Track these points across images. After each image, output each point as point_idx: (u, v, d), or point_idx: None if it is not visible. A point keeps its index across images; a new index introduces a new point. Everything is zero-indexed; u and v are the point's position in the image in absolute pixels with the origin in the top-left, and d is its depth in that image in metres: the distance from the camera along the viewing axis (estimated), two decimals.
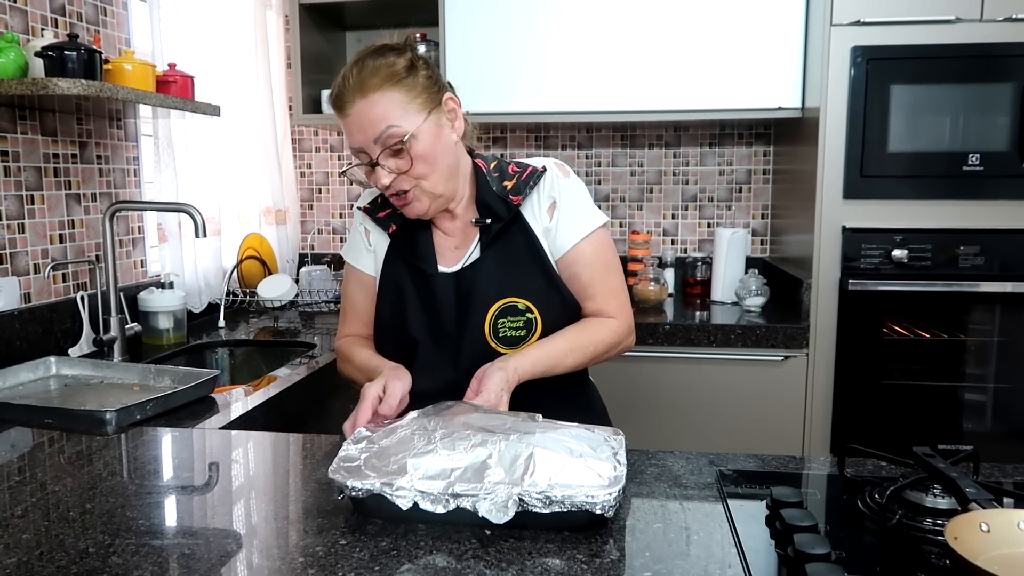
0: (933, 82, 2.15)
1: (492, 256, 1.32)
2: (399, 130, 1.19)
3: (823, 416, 2.28)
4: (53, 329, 1.89)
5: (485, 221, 1.32)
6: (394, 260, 1.37)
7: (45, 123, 1.90)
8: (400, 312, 1.35)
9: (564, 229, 1.34)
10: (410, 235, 1.36)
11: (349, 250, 1.45)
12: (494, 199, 1.33)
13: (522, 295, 1.30)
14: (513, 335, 1.29)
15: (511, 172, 1.37)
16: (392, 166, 1.22)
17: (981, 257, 2.17)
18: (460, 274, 1.33)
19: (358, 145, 1.22)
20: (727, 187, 2.91)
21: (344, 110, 1.21)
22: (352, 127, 1.21)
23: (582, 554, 0.85)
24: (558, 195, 1.34)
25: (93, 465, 1.15)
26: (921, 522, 0.89)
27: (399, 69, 1.21)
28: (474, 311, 1.30)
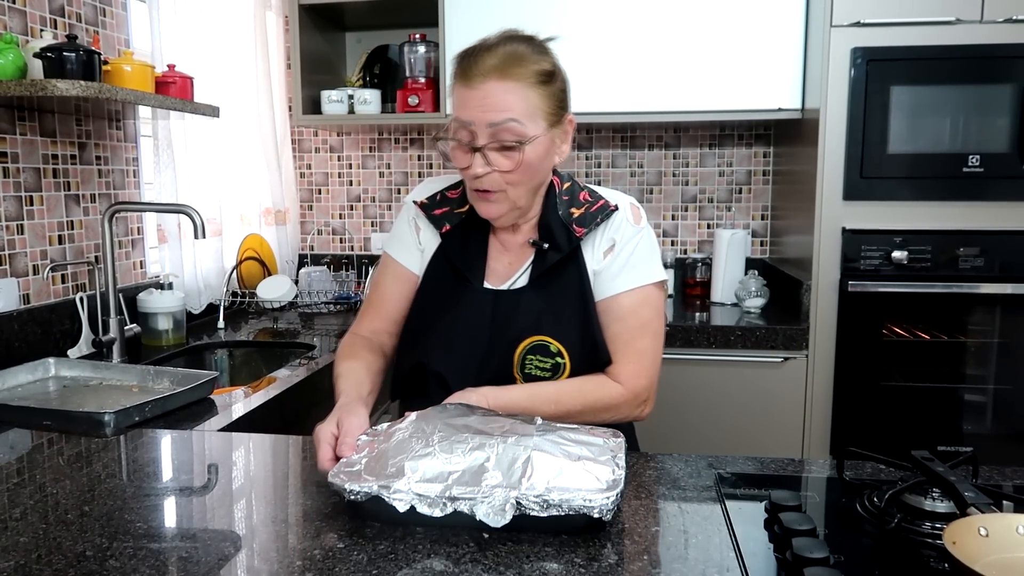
0: (933, 83, 2.15)
1: (539, 288, 1.26)
2: (521, 129, 1.15)
3: (823, 418, 2.28)
4: (52, 330, 1.88)
5: (543, 245, 1.26)
6: (441, 263, 1.31)
7: (44, 124, 1.90)
8: (429, 320, 1.29)
9: (611, 275, 1.26)
10: (464, 240, 1.30)
11: (393, 243, 1.37)
12: (558, 225, 1.27)
13: (556, 336, 1.23)
14: (539, 374, 1.23)
15: (581, 200, 1.30)
16: (493, 160, 1.16)
17: (981, 258, 2.17)
18: (500, 295, 1.27)
19: (469, 120, 1.14)
20: (727, 188, 2.90)
21: (473, 80, 1.14)
22: (473, 101, 1.14)
23: (580, 558, 0.85)
24: (620, 239, 1.26)
25: (92, 467, 1.15)
26: (920, 526, 0.88)
27: (543, 71, 1.17)
28: (505, 339, 1.24)
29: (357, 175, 3.11)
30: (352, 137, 3.09)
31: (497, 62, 1.14)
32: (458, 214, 1.31)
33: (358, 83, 2.92)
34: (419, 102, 2.62)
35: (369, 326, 1.38)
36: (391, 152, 3.08)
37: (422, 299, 1.32)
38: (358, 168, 3.11)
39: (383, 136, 3.07)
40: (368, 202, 3.11)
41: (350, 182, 3.12)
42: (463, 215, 1.31)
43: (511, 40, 1.18)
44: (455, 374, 1.25)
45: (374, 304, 1.39)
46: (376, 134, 3.07)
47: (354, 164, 3.11)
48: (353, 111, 2.71)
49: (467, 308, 1.27)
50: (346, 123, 2.82)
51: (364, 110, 2.69)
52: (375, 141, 3.08)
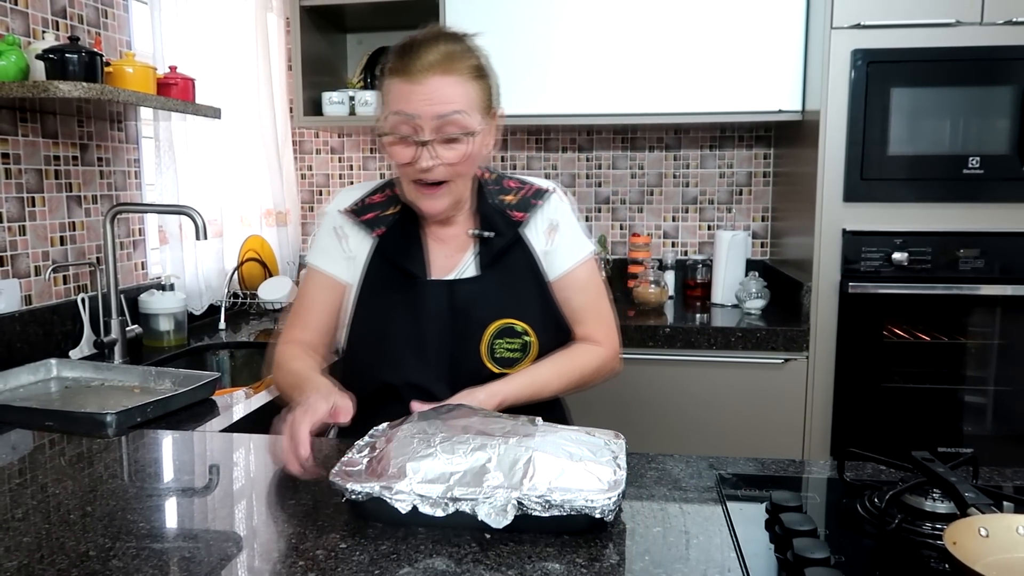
0: (933, 85, 2.15)
1: (492, 275, 1.29)
2: (466, 121, 1.17)
3: (823, 419, 2.28)
4: (54, 331, 1.89)
5: (486, 234, 1.29)
6: (380, 265, 1.31)
7: (46, 125, 1.90)
8: (385, 322, 1.29)
9: (561, 253, 1.33)
10: (400, 239, 1.31)
11: (316, 254, 1.35)
12: (494, 213, 1.31)
13: (521, 317, 1.27)
14: (510, 356, 1.26)
15: (509, 187, 1.35)
16: (440, 153, 1.17)
17: (981, 260, 2.17)
18: (454, 285, 1.28)
19: (414, 113, 1.15)
20: (727, 189, 2.91)
21: (416, 76, 1.14)
22: (417, 96, 1.14)
23: (582, 558, 0.85)
24: (559, 218, 1.34)
25: (94, 468, 1.15)
26: (920, 526, 0.89)
27: (479, 66, 1.21)
28: (470, 328, 1.26)
29: (358, 176, 3.11)
30: (353, 138, 3.10)
31: (439, 57, 1.15)
32: (389, 215, 1.31)
33: (359, 84, 2.92)
34: None
35: (299, 336, 1.34)
36: None
37: (370, 304, 1.30)
38: (359, 169, 3.11)
39: None
40: None
41: (351, 183, 3.12)
42: (396, 215, 1.32)
43: (444, 36, 1.20)
44: (423, 377, 1.25)
45: (301, 316, 1.35)
46: (377, 135, 3.07)
47: (355, 165, 3.11)
48: (354, 112, 2.71)
49: (420, 304, 1.27)
50: (347, 124, 2.82)
51: (365, 111, 2.69)
52: (376, 142, 3.08)
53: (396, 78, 1.17)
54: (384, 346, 1.28)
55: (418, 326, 1.27)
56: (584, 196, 2.97)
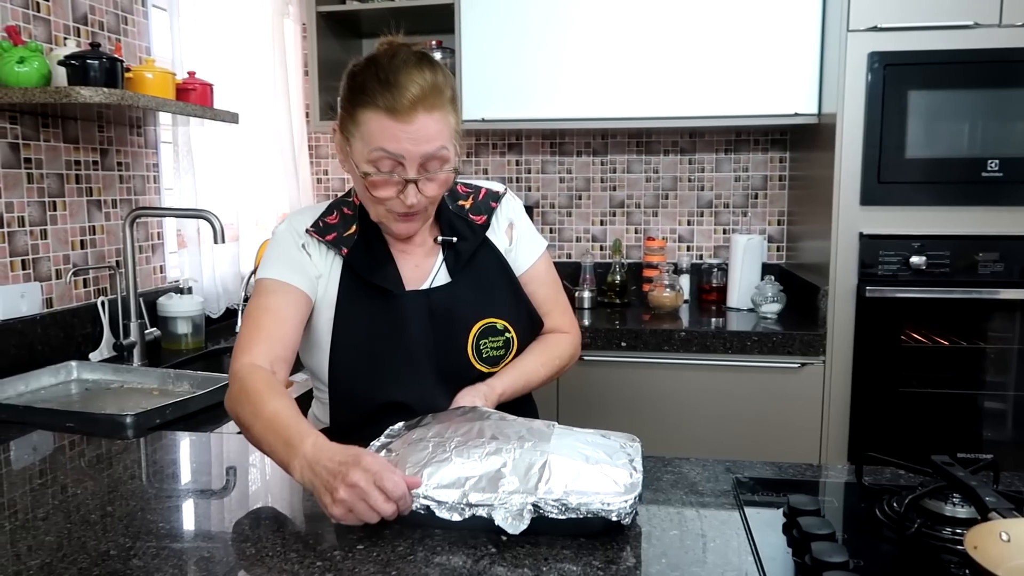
0: (951, 88, 2.14)
1: (464, 279, 1.30)
2: (448, 154, 1.16)
3: (840, 424, 2.27)
4: (74, 334, 1.91)
5: (452, 240, 1.30)
6: (351, 285, 1.26)
7: (67, 131, 1.93)
8: (369, 341, 1.25)
9: (523, 250, 1.38)
10: (367, 256, 1.27)
11: (279, 267, 1.24)
12: (455, 218, 1.32)
13: (499, 315, 1.30)
14: (495, 354, 1.29)
15: (462, 192, 1.35)
16: (423, 188, 1.16)
17: (1001, 264, 2.15)
18: (431, 294, 1.28)
19: (400, 153, 1.12)
20: (743, 193, 2.90)
21: (402, 113, 1.10)
22: (404, 134, 1.11)
23: (598, 560, 0.85)
24: (515, 217, 1.38)
25: (113, 468, 1.17)
26: (940, 531, 0.88)
27: (455, 93, 1.18)
28: (454, 333, 1.27)
29: None
30: None
31: (422, 92, 1.11)
32: (349, 236, 1.27)
33: None
34: None
35: (267, 353, 1.16)
36: None
37: (350, 325, 1.25)
38: None
39: None
40: None
41: None
42: (355, 236, 1.28)
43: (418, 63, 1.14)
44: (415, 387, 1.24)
45: (267, 328, 1.19)
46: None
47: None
48: None
49: (400, 316, 1.25)
50: None
51: None
52: None
53: (377, 112, 1.11)
54: (373, 365, 1.25)
55: (403, 339, 1.25)
56: (599, 200, 2.97)
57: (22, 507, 1.02)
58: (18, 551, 0.89)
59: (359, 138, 1.15)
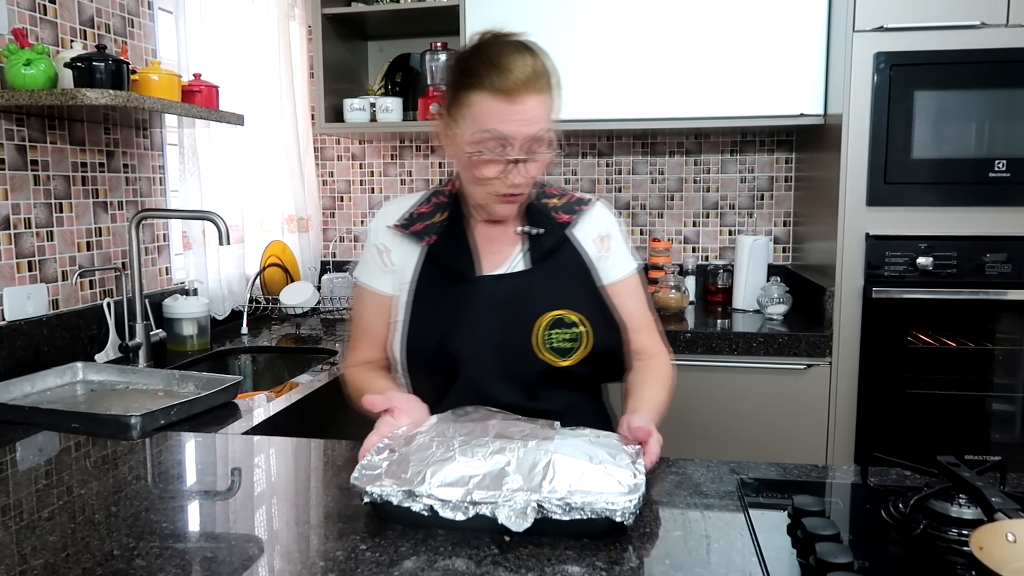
0: (958, 88, 2.13)
1: (541, 270, 1.31)
2: (550, 136, 1.22)
3: (847, 425, 2.26)
4: (80, 335, 1.91)
5: (535, 231, 1.32)
6: (430, 271, 1.32)
7: (74, 133, 1.93)
8: (439, 323, 1.29)
9: (615, 262, 1.38)
10: (449, 243, 1.33)
11: (364, 272, 1.38)
12: (540, 213, 1.35)
13: (572, 308, 1.28)
14: (564, 347, 1.27)
15: (551, 192, 1.40)
16: (527, 168, 1.22)
17: (1008, 264, 2.14)
18: (504, 279, 1.30)
19: (507, 134, 1.17)
20: (748, 194, 2.89)
21: (511, 95, 1.15)
22: (512, 115, 1.16)
23: (601, 561, 0.85)
24: (611, 229, 1.39)
25: (118, 469, 1.17)
26: (946, 532, 0.87)
27: (558, 79, 1.24)
28: (522, 320, 1.27)
29: (379, 182, 3.13)
30: (374, 145, 3.12)
31: (530, 75, 1.17)
32: (438, 223, 1.34)
33: (380, 92, 2.95)
34: None
35: (363, 357, 1.39)
36: (412, 159, 3.10)
37: (423, 308, 1.31)
38: (380, 175, 3.13)
39: (404, 144, 3.09)
40: None
41: (372, 189, 3.14)
42: (444, 223, 1.34)
43: (522, 48, 1.21)
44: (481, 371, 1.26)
45: (363, 336, 1.39)
46: (398, 142, 3.09)
47: (376, 172, 3.13)
48: (375, 119, 2.73)
49: (472, 300, 1.29)
50: (368, 131, 2.84)
51: (386, 118, 2.71)
52: (396, 149, 3.10)
53: (486, 94, 1.16)
54: (441, 346, 1.28)
55: (472, 325, 1.28)
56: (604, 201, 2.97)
57: (27, 507, 1.02)
58: (23, 551, 0.89)
59: (468, 120, 1.19)
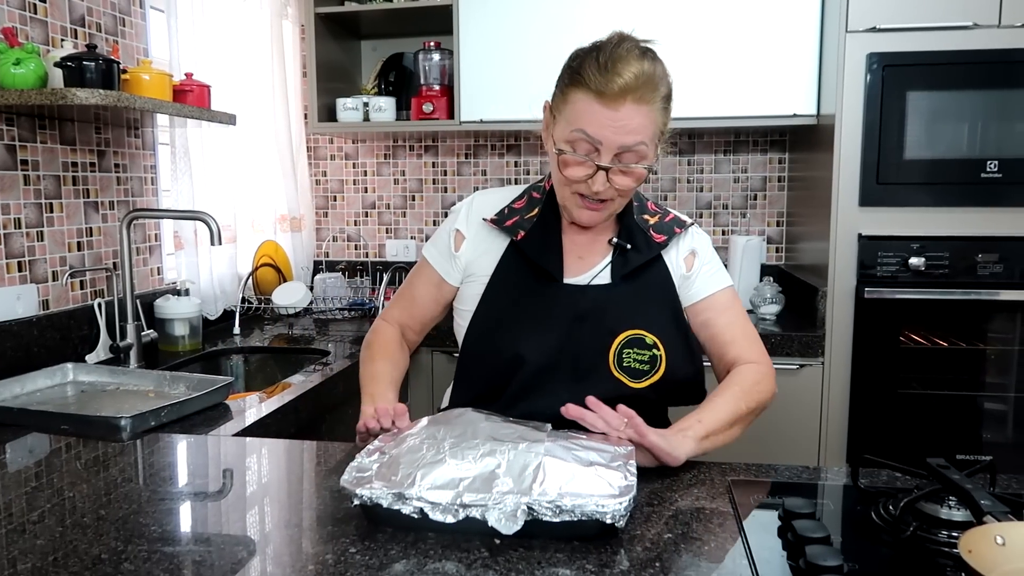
0: (950, 88, 2.13)
1: (626, 285, 1.28)
2: (646, 151, 1.16)
3: (839, 425, 2.26)
4: (70, 336, 1.91)
5: (626, 245, 1.29)
6: (513, 266, 1.30)
7: (64, 132, 1.92)
8: (512, 327, 1.27)
9: (704, 277, 1.32)
10: (540, 241, 1.30)
11: (431, 248, 1.40)
12: (637, 228, 1.31)
13: (651, 330, 1.25)
14: (638, 367, 1.24)
15: (651, 209, 1.36)
16: (614, 179, 1.17)
17: (1000, 265, 2.15)
18: (587, 290, 1.27)
19: (600, 139, 1.13)
20: (742, 194, 2.89)
21: (610, 99, 1.12)
22: (607, 120, 1.12)
23: (592, 564, 0.85)
24: (698, 247, 1.34)
25: (108, 471, 1.16)
26: (936, 534, 0.87)
27: (670, 93, 1.19)
28: (599, 334, 1.24)
29: (372, 182, 3.13)
30: (367, 144, 3.11)
31: (635, 82, 1.11)
32: (529, 219, 1.31)
33: (373, 91, 2.94)
34: (433, 109, 2.64)
35: (398, 317, 1.45)
36: (405, 159, 3.09)
37: (497, 300, 1.30)
38: (373, 175, 3.12)
39: (398, 143, 3.08)
40: (383, 209, 3.13)
41: (365, 189, 3.14)
42: (534, 219, 1.31)
43: (640, 54, 1.16)
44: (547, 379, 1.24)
45: (405, 298, 1.45)
46: (391, 141, 3.09)
47: (369, 171, 3.13)
48: (368, 119, 2.73)
49: (553, 300, 1.26)
50: (361, 130, 2.83)
51: (379, 117, 2.71)
52: (390, 148, 3.10)
53: (587, 93, 1.14)
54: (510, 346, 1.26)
55: (544, 331, 1.25)
56: None
57: (16, 510, 1.01)
58: (11, 555, 0.88)
59: (564, 117, 1.18)
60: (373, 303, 2.68)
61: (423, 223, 3.11)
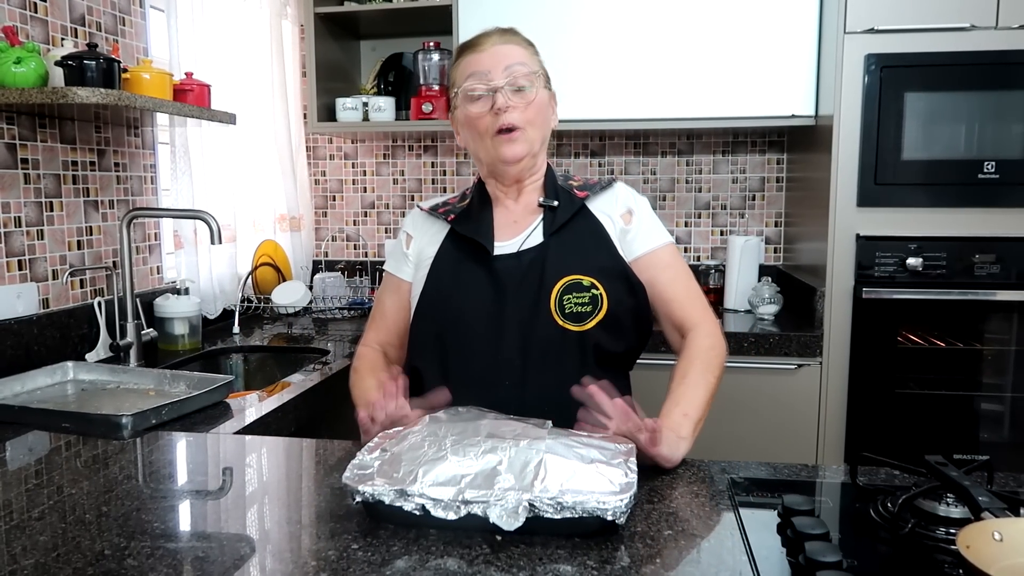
0: (948, 90, 2.14)
1: (556, 240, 1.34)
2: (531, 71, 1.32)
3: (837, 425, 2.27)
4: (70, 334, 1.91)
5: (552, 203, 1.37)
6: (450, 248, 1.39)
7: (64, 131, 1.93)
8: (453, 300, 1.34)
9: (644, 234, 1.38)
10: (468, 216, 1.40)
11: (389, 260, 1.50)
12: (562, 190, 1.40)
13: (586, 272, 1.30)
14: (579, 311, 1.29)
15: (576, 180, 1.45)
16: (511, 97, 1.29)
17: (997, 265, 2.16)
18: (520, 255, 1.34)
19: (484, 69, 1.29)
20: (740, 195, 2.90)
21: (480, 46, 1.32)
22: (484, 57, 1.31)
23: (592, 560, 0.85)
24: (635, 205, 1.40)
25: (109, 469, 1.17)
26: (934, 531, 0.88)
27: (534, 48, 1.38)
28: (537, 289, 1.30)
29: (371, 182, 3.13)
30: (366, 144, 3.11)
31: (495, 32, 1.35)
32: (461, 207, 1.43)
33: (372, 91, 2.94)
34: (433, 109, 2.64)
35: (376, 338, 1.49)
36: (405, 159, 3.10)
37: (440, 277, 1.37)
38: (372, 175, 3.13)
39: (397, 143, 3.09)
40: (382, 208, 3.13)
41: (364, 189, 3.14)
42: (465, 207, 1.42)
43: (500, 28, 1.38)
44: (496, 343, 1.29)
45: (376, 319, 1.50)
46: (390, 141, 3.09)
47: (368, 171, 3.13)
48: (368, 118, 2.73)
49: (489, 275, 1.33)
50: (361, 130, 2.84)
51: (378, 117, 2.71)
52: (389, 148, 3.10)
53: (463, 56, 1.34)
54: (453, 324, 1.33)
55: (489, 299, 1.32)
56: None
57: (17, 507, 1.02)
58: (13, 551, 0.89)
59: (458, 87, 1.33)
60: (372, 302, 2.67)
61: None
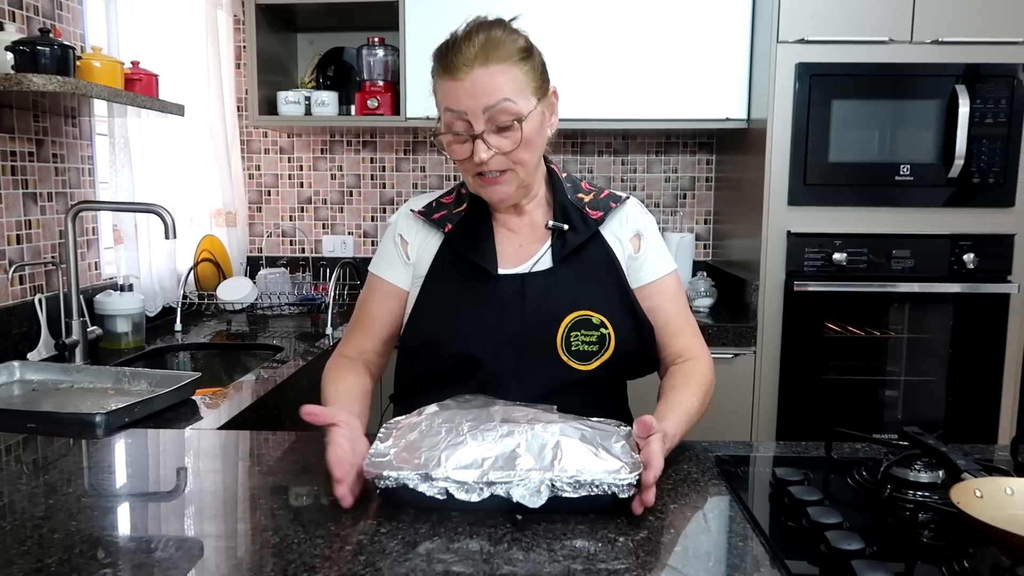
0: (870, 98, 2.32)
1: (567, 267, 1.27)
2: (514, 107, 1.17)
3: (769, 409, 2.42)
4: (10, 332, 1.82)
5: (563, 227, 1.28)
6: (447, 259, 1.30)
7: (3, 120, 1.83)
8: (452, 321, 1.26)
9: (652, 261, 1.33)
10: (468, 233, 1.29)
11: (378, 262, 1.37)
12: (572, 208, 1.31)
13: (597, 309, 1.25)
14: (586, 349, 1.24)
15: (585, 188, 1.37)
16: (494, 143, 1.18)
17: (911, 260, 2.35)
18: (527, 278, 1.27)
19: (462, 109, 1.16)
20: (672, 193, 3.03)
21: (458, 72, 1.15)
22: (462, 91, 1.16)
23: (613, 533, 0.91)
24: (644, 229, 1.34)
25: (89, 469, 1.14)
26: (906, 494, 0.98)
27: (522, 48, 1.20)
28: (544, 321, 1.24)
29: (308, 177, 3.09)
30: (303, 139, 3.07)
31: (475, 49, 1.16)
32: (457, 213, 1.32)
33: (311, 84, 2.91)
34: (378, 105, 2.64)
35: (357, 346, 1.36)
36: (343, 154, 3.07)
37: (433, 296, 1.29)
38: (309, 170, 3.09)
39: (335, 138, 3.06)
40: (320, 204, 3.10)
41: (300, 184, 3.10)
42: (462, 213, 1.32)
43: (482, 27, 1.20)
44: (497, 372, 1.24)
45: (361, 323, 1.37)
46: (328, 136, 3.06)
47: (305, 166, 3.09)
48: (310, 112, 2.70)
49: (490, 298, 1.26)
50: (303, 124, 2.80)
51: (321, 112, 2.69)
52: (327, 143, 3.07)
53: (440, 77, 1.19)
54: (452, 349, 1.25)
55: (489, 324, 1.24)
56: None
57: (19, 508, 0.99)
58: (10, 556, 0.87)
59: (439, 107, 1.21)
60: (321, 298, 2.65)
61: (360, 218, 3.10)
